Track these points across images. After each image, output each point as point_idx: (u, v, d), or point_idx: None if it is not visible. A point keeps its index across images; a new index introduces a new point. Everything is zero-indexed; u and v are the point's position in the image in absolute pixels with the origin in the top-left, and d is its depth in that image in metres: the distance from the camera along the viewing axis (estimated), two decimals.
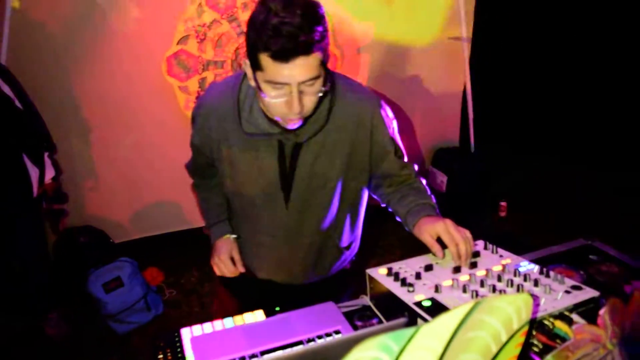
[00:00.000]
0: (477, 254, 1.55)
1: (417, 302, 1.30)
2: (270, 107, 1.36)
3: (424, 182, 1.70)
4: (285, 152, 1.51)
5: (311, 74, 1.28)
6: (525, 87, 7.80)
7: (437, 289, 1.35)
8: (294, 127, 1.41)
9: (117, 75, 3.40)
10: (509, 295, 0.93)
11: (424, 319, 1.24)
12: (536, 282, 1.35)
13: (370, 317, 1.48)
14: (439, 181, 4.25)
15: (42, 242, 3.14)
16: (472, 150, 4.30)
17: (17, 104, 2.74)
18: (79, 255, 3.41)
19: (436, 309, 1.27)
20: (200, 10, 3.36)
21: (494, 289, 1.33)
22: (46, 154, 2.91)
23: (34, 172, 2.80)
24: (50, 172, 2.93)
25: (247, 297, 1.81)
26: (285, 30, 1.19)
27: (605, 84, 7.46)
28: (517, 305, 0.94)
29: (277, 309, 1.54)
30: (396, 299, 1.35)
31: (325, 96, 1.43)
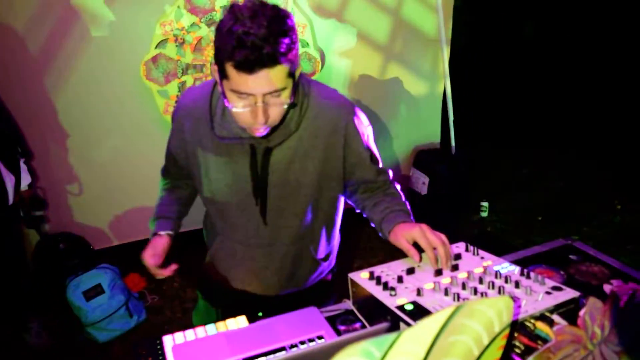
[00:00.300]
0: (458, 256, 1.56)
1: (400, 306, 1.30)
2: (235, 115, 1.35)
3: (399, 188, 1.71)
4: (257, 157, 1.49)
5: (276, 86, 1.27)
6: (504, 87, 7.89)
7: (419, 292, 1.35)
8: (260, 135, 1.41)
9: (95, 79, 3.35)
10: (490, 298, 0.94)
11: (407, 323, 1.24)
12: (517, 284, 1.36)
13: (353, 321, 1.48)
14: (420, 183, 4.27)
15: (19, 250, 3.09)
16: (453, 151, 4.33)
17: None
18: (59, 262, 3.36)
19: (418, 312, 1.27)
20: (178, 13, 3.33)
21: (476, 292, 1.34)
22: (22, 160, 2.87)
23: (9, 179, 2.75)
24: (26, 179, 2.89)
25: (223, 306, 1.78)
26: (249, 41, 1.18)
27: (586, 83, 7.58)
28: (498, 308, 0.94)
29: (260, 314, 1.53)
30: (378, 303, 1.35)
31: (293, 106, 1.43)
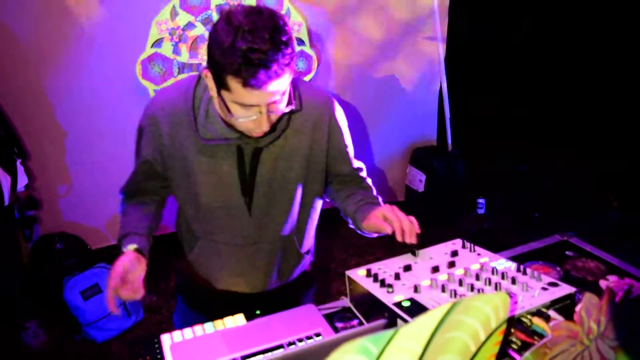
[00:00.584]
0: (455, 253, 1.57)
1: (397, 303, 1.31)
2: (236, 124, 1.34)
3: (371, 182, 1.75)
4: (244, 158, 1.48)
5: (280, 93, 1.28)
6: (501, 84, 7.88)
7: (416, 289, 1.35)
8: (258, 136, 1.39)
9: (91, 79, 3.35)
10: (486, 294, 0.94)
11: (404, 320, 1.25)
12: (514, 280, 1.36)
13: (350, 318, 1.48)
14: (417, 180, 4.27)
15: (15, 251, 3.08)
16: (450, 148, 4.34)
17: None
18: (56, 262, 3.36)
19: (415, 309, 1.27)
20: (174, 12, 3.33)
21: (472, 288, 1.34)
22: (18, 161, 2.86)
23: (5, 180, 2.75)
24: (23, 180, 2.88)
25: (206, 310, 1.70)
26: (256, 58, 1.17)
27: (583, 81, 7.57)
28: (495, 304, 0.95)
29: (257, 312, 1.53)
30: (376, 300, 1.36)
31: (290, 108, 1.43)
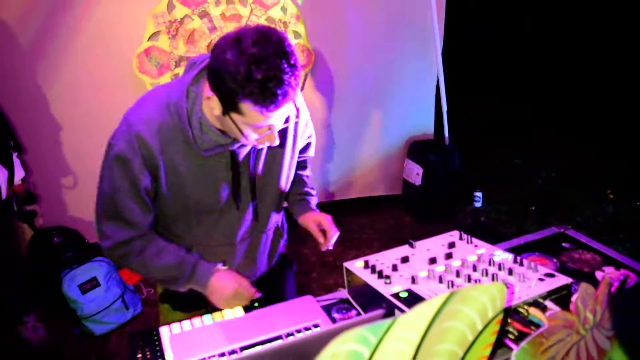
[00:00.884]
0: (452, 244, 1.57)
1: (394, 294, 1.32)
2: (245, 141, 1.37)
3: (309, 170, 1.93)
4: (237, 161, 1.49)
5: (290, 110, 1.35)
6: (498, 78, 7.90)
7: (413, 280, 1.36)
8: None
9: (87, 72, 3.34)
10: (484, 284, 0.95)
11: (401, 310, 1.25)
12: (510, 271, 1.37)
13: (348, 309, 1.49)
14: (414, 173, 4.28)
15: (13, 245, 3.09)
16: (447, 142, 4.34)
17: None
18: (53, 256, 3.36)
19: (413, 299, 1.28)
20: (170, 5, 3.32)
21: (470, 279, 1.35)
22: (15, 154, 2.86)
23: (2, 173, 2.75)
24: (19, 173, 2.88)
25: (197, 309, 1.69)
26: (273, 86, 1.19)
27: (580, 74, 7.59)
28: (492, 294, 0.96)
29: (256, 304, 1.54)
30: (373, 291, 1.36)
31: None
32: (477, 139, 6.11)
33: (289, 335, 1.34)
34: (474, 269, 1.41)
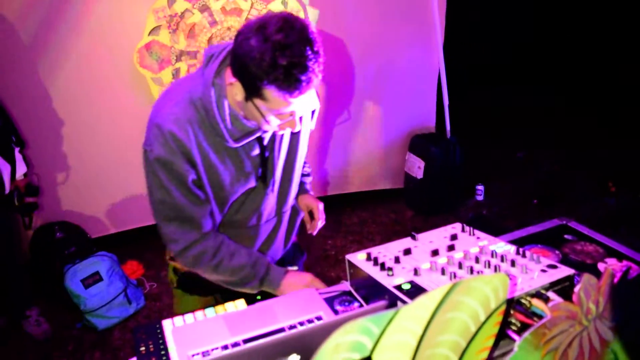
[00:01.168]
0: (454, 236, 1.57)
1: (397, 286, 1.31)
2: (266, 127, 1.40)
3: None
4: (263, 145, 1.54)
5: (313, 97, 1.37)
6: (499, 71, 7.87)
7: (416, 272, 1.36)
8: None
9: (88, 67, 3.34)
10: (486, 275, 0.95)
11: (404, 302, 1.25)
12: (513, 263, 1.37)
13: (350, 302, 1.50)
14: (416, 167, 4.27)
15: (16, 239, 3.09)
16: (449, 135, 4.34)
17: None
18: (56, 251, 3.37)
19: (416, 291, 1.28)
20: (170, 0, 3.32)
21: (472, 271, 1.35)
22: (17, 149, 2.86)
23: (4, 168, 2.75)
24: (22, 168, 2.88)
25: (210, 294, 1.79)
26: (297, 72, 1.21)
27: (580, 66, 7.57)
28: (494, 285, 0.96)
29: (258, 297, 1.54)
30: (376, 283, 1.36)
31: None
32: (479, 132, 6.10)
33: (291, 327, 1.34)
34: (477, 260, 1.41)
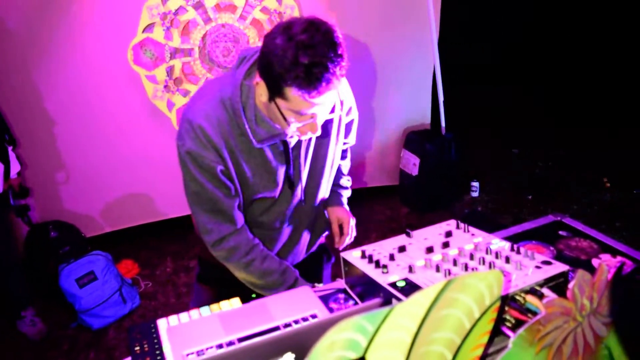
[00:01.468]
0: (449, 233, 1.57)
1: (392, 283, 1.31)
2: (287, 129, 1.41)
3: (349, 155, 1.97)
4: (288, 149, 1.56)
5: (334, 100, 1.38)
6: (494, 68, 7.89)
7: (410, 269, 1.36)
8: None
9: (82, 65, 3.32)
10: (480, 272, 0.95)
11: (399, 299, 1.25)
12: (507, 259, 1.37)
13: (345, 299, 1.50)
14: (411, 164, 4.28)
15: (10, 239, 3.08)
16: (444, 132, 4.34)
17: None
18: (50, 250, 3.36)
19: (410, 289, 1.28)
20: None
21: (467, 267, 1.35)
22: (10, 148, 2.85)
23: None
24: (15, 167, 2.87)
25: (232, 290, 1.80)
26: (318, 72, 1.23)
27: (576, 63, 7.59)
28: (489, 281, 0.96)
29: (253, 295, 1.54)
30: (371, 280, 1.36)
31: None
32: (474, 128, 6.11)
33: (286, 325, 1.33)
34: (471, 257, 1.41)
